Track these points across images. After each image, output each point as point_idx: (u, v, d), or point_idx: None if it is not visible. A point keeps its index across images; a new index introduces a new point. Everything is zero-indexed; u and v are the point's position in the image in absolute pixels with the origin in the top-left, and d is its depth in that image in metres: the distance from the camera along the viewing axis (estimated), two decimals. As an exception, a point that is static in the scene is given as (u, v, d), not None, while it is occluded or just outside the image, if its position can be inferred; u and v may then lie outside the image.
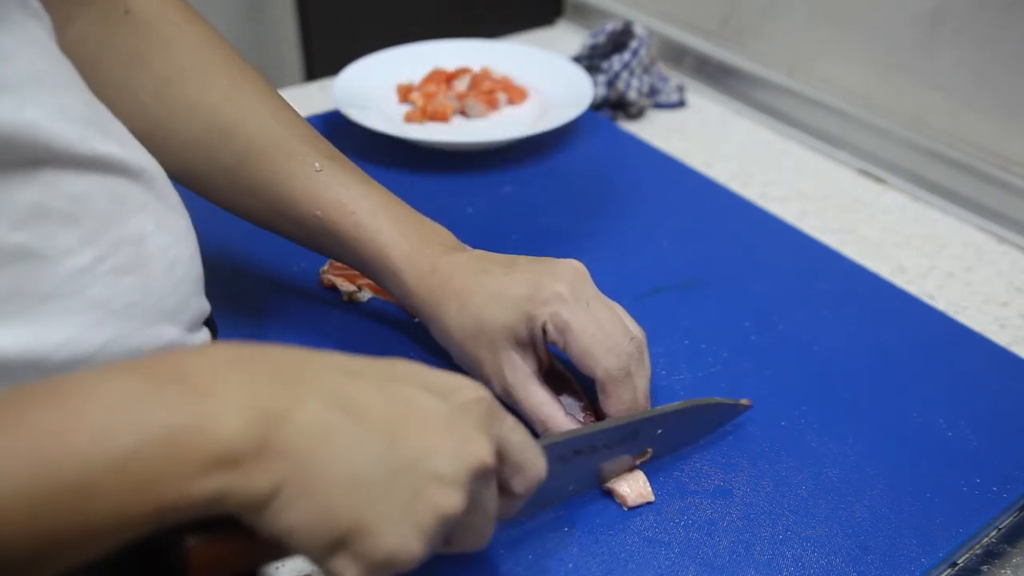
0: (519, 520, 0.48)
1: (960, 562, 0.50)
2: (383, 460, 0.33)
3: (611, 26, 0.96)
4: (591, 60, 0.96)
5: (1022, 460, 0.53)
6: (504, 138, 0.81)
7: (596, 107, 0.93)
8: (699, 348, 0.61)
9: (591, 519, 0.49)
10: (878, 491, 0.51)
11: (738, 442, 0.54)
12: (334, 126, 0.87)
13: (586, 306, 0.50)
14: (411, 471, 0.34)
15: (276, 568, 0.48)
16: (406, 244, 0.53)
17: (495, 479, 0.38)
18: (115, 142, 0.42)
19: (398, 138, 0.80)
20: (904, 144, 0.84)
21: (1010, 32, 0.75)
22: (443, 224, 0.57)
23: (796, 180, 0.86)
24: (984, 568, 0.49)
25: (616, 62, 0.93)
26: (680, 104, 0.98)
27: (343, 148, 0.57)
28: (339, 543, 0.33)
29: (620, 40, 0.95)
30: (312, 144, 0.55)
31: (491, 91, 0.89)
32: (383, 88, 0.90)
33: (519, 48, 0.96)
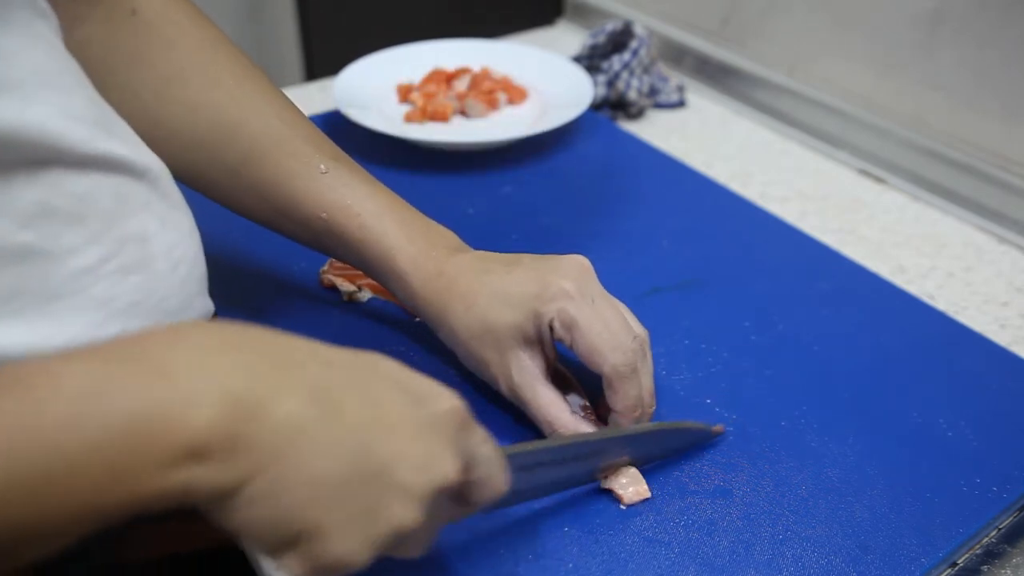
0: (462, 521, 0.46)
1: (960, 562, 0.50)
2: (350, 464, 0.33)
3: (611, 26, 0.96)
4: (591, 60, 0.96)
5: (1022, 460, 0.53)
6: (504, 138, 0.81)
7: (596, 107, 0.93)
8: (699, 348, 0.61)
9: (591, 519, 0.49)
10: (878, 491, 0.51)
11: (738, 442, 0.54)
12: (334, 126, 0.87)
13: (592, 303, 0.50)
14: (376, 479, 0.33)
15: (276, 568, 0.48)
16: (412, 247, 0.53)
17: (453, 492, 0.38)
18: (120, 141, 0.42)
19: (398, 138, 0.80)
20: (904, 144, 0.84)
21: (1010, 32, 0.75)
22: (443, 224, 0.57)
23: (796, 180, 0.86)
24: (984, 568, 0.49)
25: (616, 62, 0.93)
26: (680, 104, 0.98)
27: (343, 148, 0.57)
28: (292, 542, 0.33)
29: (620, 40, 0.95)
30: (317, 145, 0.55)
31: (491, 91, 0.89)
32: (383, 88, 0.90)
33: (519, 48, 0.96)
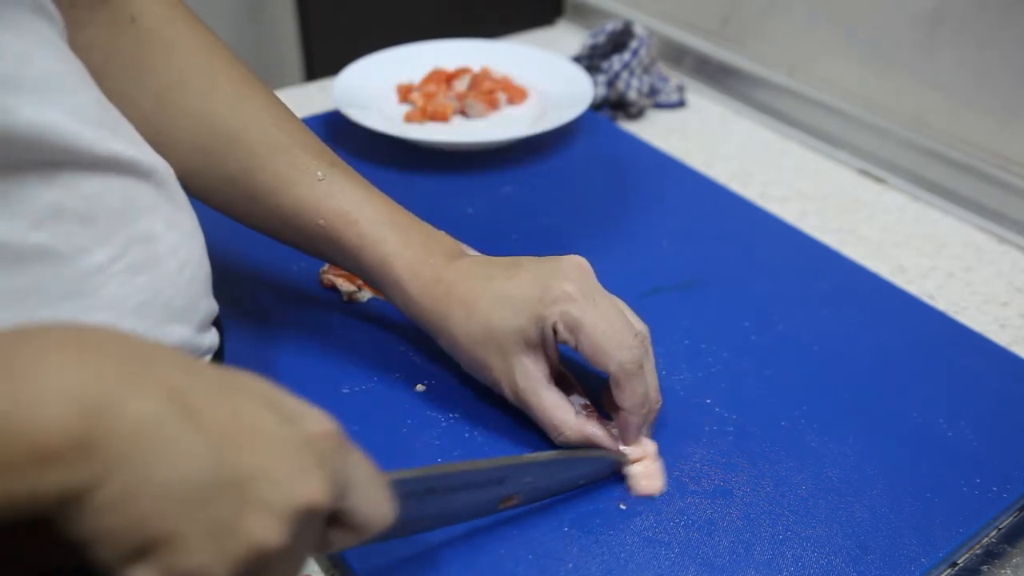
0: (375, 544, 0.42)
1: (960, 562, 0.50)
2: (211, 471, 0.30)
3: (611, 26, 0.96)
4: (591, 60, 0.96)
5: (1022, 460, 0.53)
6: (504, 138, 0.81)
7: (596, 107, 0.93)
8: (699, 348, 0.61)
9: (591, 519, 0.49)
10: (878, 491, 0.51)
11: (738, 442, 0.54)
12: (334, 126, 0.87)
13: (594, 303, 0.50)
14: (236, 489, 0.30)
15: (276, 568, 0.48)
16: (409, 253, 0.53)
17: (323, 520, 0.35)
18: (127, 143, 0.42)
19: (398, 138, 0.80)
20: (904, 144, 0.84)
21: (1010, 32, 0.75)
22: (443, 224, 0.57)
23: (796, 180, 0.86)
24: (984, 568, 0.49)
25: (616, 62, 0.93)
26: (680, 104, 0.98)
27: (343, 148, 0.57)
28: (142, 552, 0.30)
29: (620, 40, 0.95)
30: (314, 152, 0.55)
31: (491, 91, 0.89)
32: (383, 88, 0.90)
33: (519, 48, 0.96)
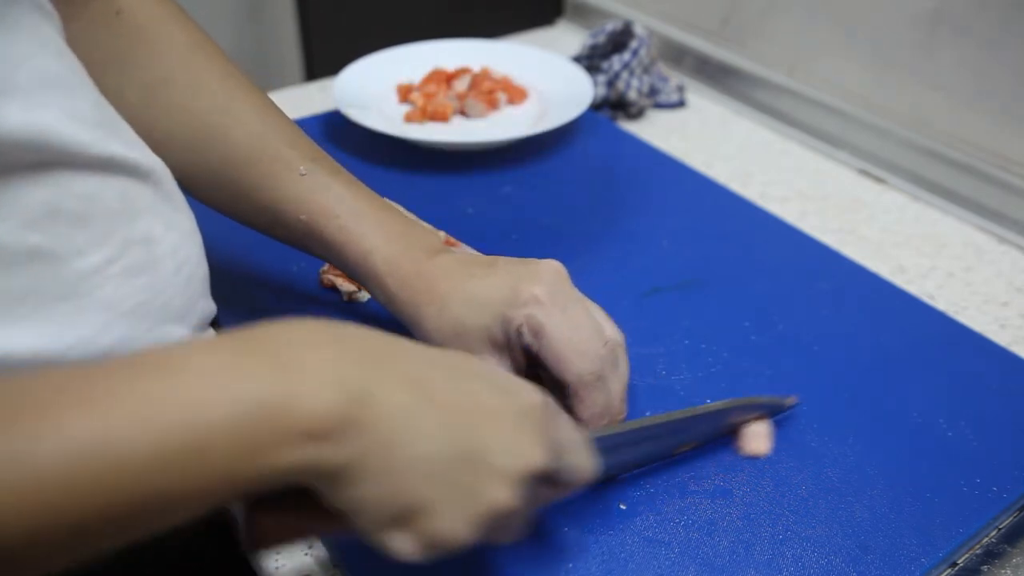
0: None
1: (960, 562, 0.50)
2: (452, 446, 0.35)
3: (611, 26, 0.96)
4: (591, 60, 0.96)
5: (1022, 460, 0.53)
6: (504, 138, 0.81)
7: (596, 107, 0.93)
8: (699, 348, 0.61)
9: (591, 519, 0.49)
10: (878, 491, 0.51)
11: (738, 442, 0.54)
12: (334, 126, 0.87)
13: (563, 310, 0.50)
14: (475, 461, 0.36)
15: (276, 568, 0.48)
16: (390, 248, 0.53)
17: (545, 477, 0.40)
18: (124, 143, 0.42)
19: (398, 138, 0.80)
20: (904, 144, 0.84)
21: (1010, 32, 0.75)
22: (443, 224, 0.57)
23: (796, 180, 0.86)
24: (984, 568, 0.50)
25: (616, 62, 0.93)
26: (680, 104, 0.98)
27: (343, 148, 0.57)
28: (399, 519, 0.35)
29: (620, 40, 0.95)
30: (298, 148, 0.55)
31: (491, 91, 0.89)
32: (383, 88, 0.90)
33: (519, 48, 0.96)
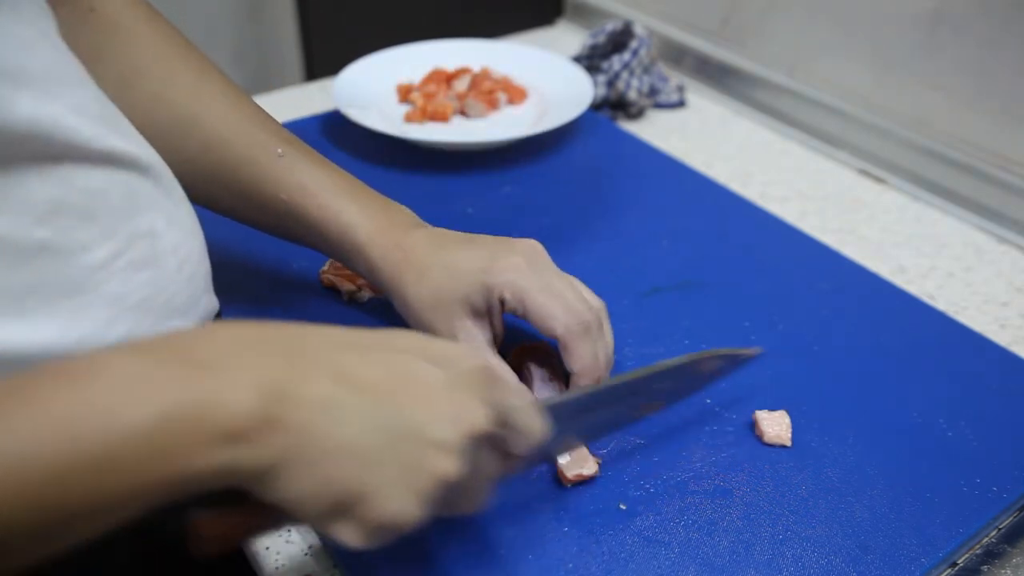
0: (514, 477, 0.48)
1: (960, 562, 0.50)
2: (383, 428, 0.35)
3: (611, 26, 0.96)
4: (591, 60, 0.96)
5: (1022, 460, 0.53)
6: (504, 138, 0.81)
7: (596, 107, 0.93)
8: (699, 348, 0.61)
9: (591, 519, 0.49)
10: (878, 491, 0.51)
11: (738, 442, 0.54)
12: (334, 126, 0.87)
13: (541, 276, 0.52)
14: (411, 439, 0.35)
15: (277, 568, 0.48)
16: (370, 223, 0.55)
17: (493, 443, 0.39)
18: (126, 138, 0.42)
19: (398, 138, 0.80)
20: (904, 144, 0.84)
21: (1010, 32, 0.75)
22: (443, 224, 0.57)
23: (796, 180, 0.86)
24: (984, 568, 0.50)
25: (616, 62, 0.93)
26: (680, 104, 0.98)
27: (343, 148, 0.57)
28: (340, 509, 0.34)
29: (620, 40, 0.95)
30: (273, 132, 0.56)
31: (491, 91, 0.89)
32: (383, 88, 0.90)
33: (519, 48, 0.96)
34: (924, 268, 0.74)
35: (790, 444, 0.53)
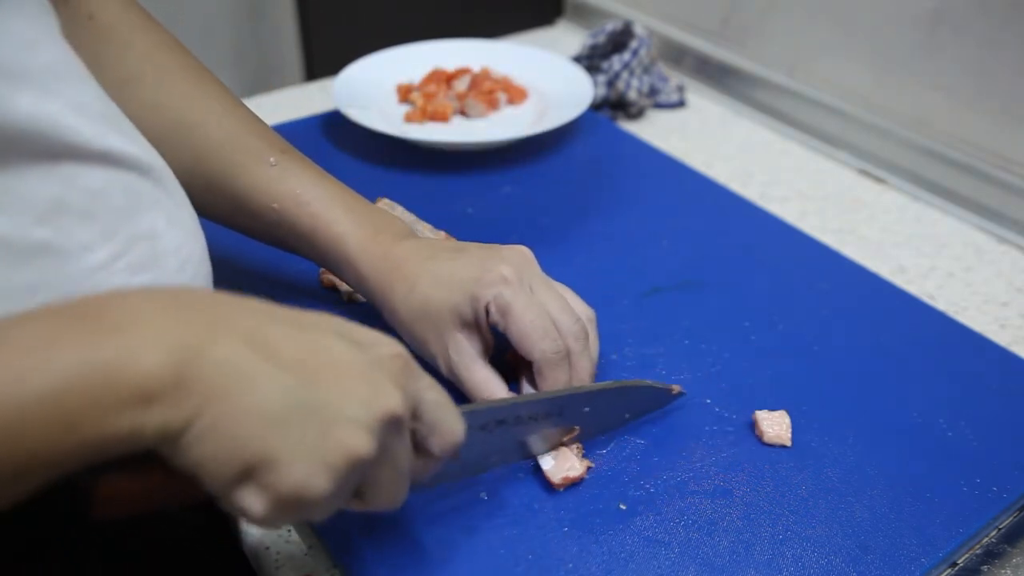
0: (442, 487, 0.49)
1: (960, 562, 0.50)
2: (294, 396, 0.34)
3: (611, 26, 0.96)
4: (591, 60, 0.96)
5: (1022, 460, 0.53)
6: (504, 138, 0.81)
7: (596, 107, 0.93)
8: (699, 348, 0.61)
9: (591, 519, 0.49)
10: (878, 491, 0.51)
11: (738, 442, 0.54)
12: (334, 126, 0.87)
13: (529, 290, 0.52)
14: (322, 409, 0.34)
15: (277, 568, 0.48)
16: (360, 232, 0.55)
17: (408, 434, 0.39)
18: (128, 138, 0.42)
19: (398, 138, 0.80)
20: (904, 144, 0.84)
21: (1010, 32, 0.75)
22: (443, 224, 0.57)
23: (796, 180, 0.86)
24: (984, 568, 0.50)
25: (616, 62, 0.93)
26: (680, 104, 0.98)
27: (343, 148, 0.57)
28: (246, 474, 0.34)
29: (620, 40, 0.95)
30: (267, 139, 0.56)
31: (491, 91, 0.89)
32: (383, 88, 0.90)
33: (519, 48, 0.96)
34: (924, 268, 0.74)
35: (790, 444, 0.53)
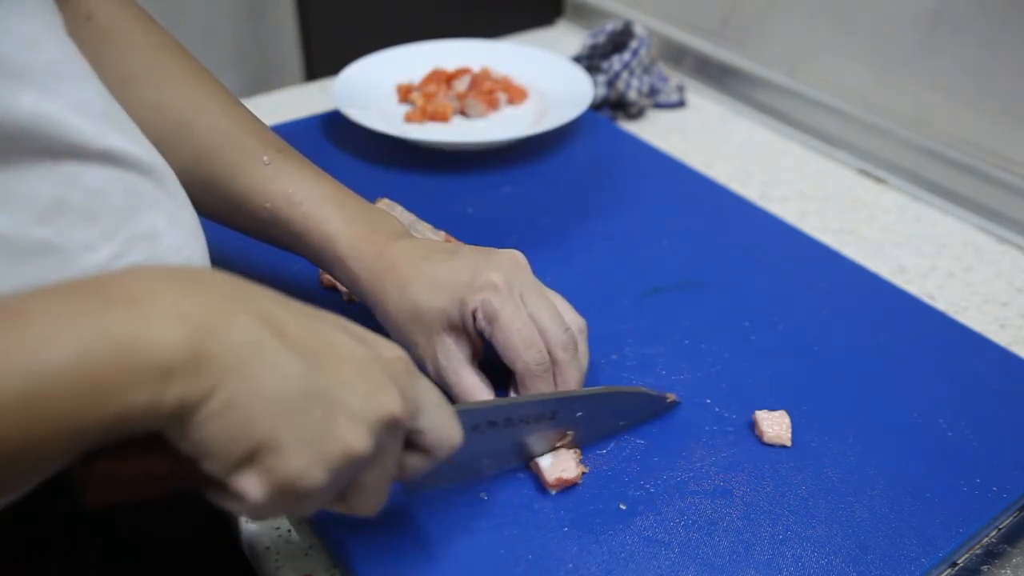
0: (435, 489, 0.49)
1: (960, 562, 0.50)
2: (304, 381, 0.34)
3: (611, 26, 0.96)
4: (591, 60, 0.96)
5: (1022, 460, 0.53)
6: (504, 138, 0.81)
7: (596, 107, 0.93)
8: (699, 348, 0.61)
9: (591, 519, 0.49)
10: (878, 491, 0.51)
11: (738, 442, 0.54)
12: (334, 126, 0.87)
13: (519, 298, 0.51)
14: (328, 398, 0.35)
15: (277, 568, 0.48)
16: (353, 231, 0.54)
17: (402, 437, 0.39)
18: (129, 138, 0.42)
19: (398, 138, 0.80)
20: (904, 144, 0.84)
21: (1010, 32, 0.75)
22: (443, 224, 0.57)
23: (796, 180, 0.86)
24: (984, 568, 0.50)
25: (616, 62, 0.93)
26: (680, 104, 0.98)
27: (343, 148, 0.57)
28: (249, 457, 0.34)
29: (620, 40, 0.95)
30: (262, 139, 0.56)
31: (491, 91, 0.89)
32: (383, 88, 0.90)
33: (519, 48, 0.96)
34: (924, 268, 0.74)
35: (790, 444, 0.53)
